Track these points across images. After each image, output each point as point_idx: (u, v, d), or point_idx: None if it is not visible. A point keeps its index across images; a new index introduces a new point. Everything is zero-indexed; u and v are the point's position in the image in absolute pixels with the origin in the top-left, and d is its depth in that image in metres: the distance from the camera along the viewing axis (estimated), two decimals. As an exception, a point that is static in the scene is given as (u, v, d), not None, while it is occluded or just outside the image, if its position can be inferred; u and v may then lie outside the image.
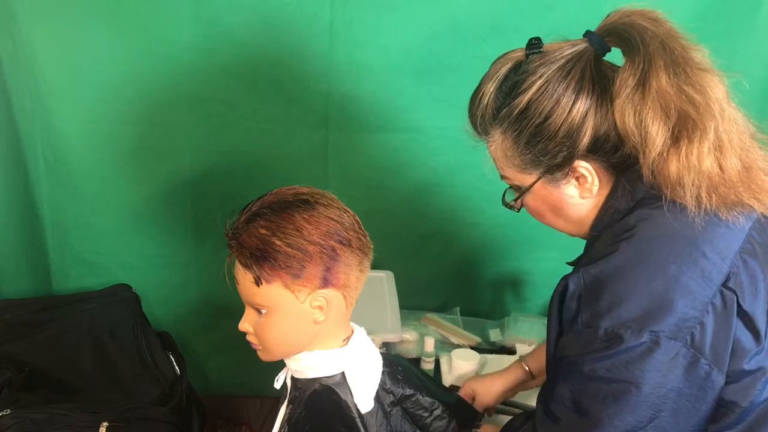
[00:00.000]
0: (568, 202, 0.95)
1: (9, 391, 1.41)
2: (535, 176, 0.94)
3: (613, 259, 0.87)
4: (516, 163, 0.94)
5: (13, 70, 1.52)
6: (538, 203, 0.98)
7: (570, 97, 0.87)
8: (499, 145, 0.95)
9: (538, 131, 0.89)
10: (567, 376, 0.90)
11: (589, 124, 0.87)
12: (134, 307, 1.67)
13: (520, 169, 0.95)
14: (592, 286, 0.87)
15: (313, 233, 0.88)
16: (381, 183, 1.66)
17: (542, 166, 0.92)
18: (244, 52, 1.52)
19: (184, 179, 1.63)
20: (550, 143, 0.89)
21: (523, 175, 0.95)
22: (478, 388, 1.32)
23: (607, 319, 0.84)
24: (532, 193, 0.97)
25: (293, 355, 0.95)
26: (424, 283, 1.78)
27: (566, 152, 0.90)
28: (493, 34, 1.50)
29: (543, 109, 0.88)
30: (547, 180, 0.94)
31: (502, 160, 0.97)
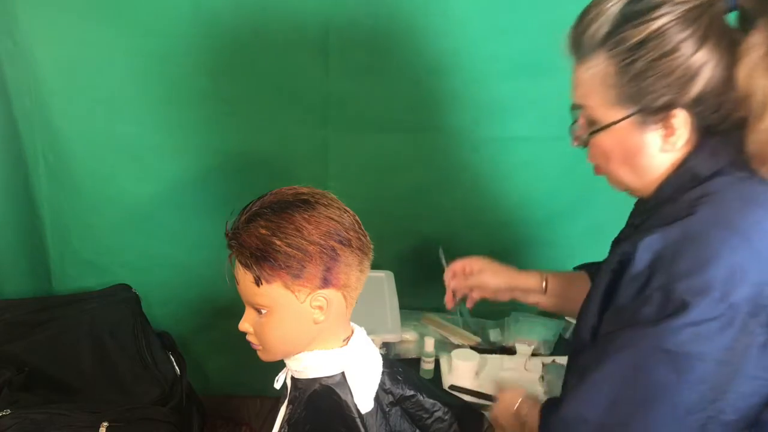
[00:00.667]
0: (646, 151, 0.90)
1: (9, 391, 1.41)
2: (625, 113, 0.88)
3: (695, 221, 0.83)
4: (611, 94, 0.88)
5: (13, 70, 1.52)
6: (613, 144, 0.92)
7: (695, 43, 0.83)
8: (599, 71, 0.89)
9: (651, 67, 0.85)
10: (622, 348, 0.84)
11: (704, 75, 0.84)
12: (134, 307, 1.67)
13: (613, 102, 0.89)
14: (670, 248, 0.82)
15: (313, 233, 0.88)
16: (381, 183, 1.66)
17: (640, 104, 0.87)
18: (245, 51, 1.53)
19: (184, 179, 1.64)
20: (660, 83, 0.85)
21: (612, 110, 0.89)
22: (487, 265, 1.26)
23: (685, 282, 0.80)
24: (611, 131, 0.90)
25: (293, 355, 0.95)
26: (424, 283, 1.77)
27: (672, 96, 0.85)
28: (494, 33, 1.50)
29: (664, 47, 0.84)
30: (635, 121, 0.88)
31: (594, 86, 0.90)
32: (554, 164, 1.64)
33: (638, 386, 0.83)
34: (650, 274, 0.83)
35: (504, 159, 1.64)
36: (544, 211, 1.70)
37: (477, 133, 1.61)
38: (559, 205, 1.69)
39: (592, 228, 1.70)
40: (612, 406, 0.85)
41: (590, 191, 1.67)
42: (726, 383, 0.80)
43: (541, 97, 1.56)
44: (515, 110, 1.58)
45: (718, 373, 0.80)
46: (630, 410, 0.84)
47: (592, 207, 1.68)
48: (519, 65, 1.53)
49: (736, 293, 0.79)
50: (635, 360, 0.83)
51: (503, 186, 1.67)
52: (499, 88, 1.55)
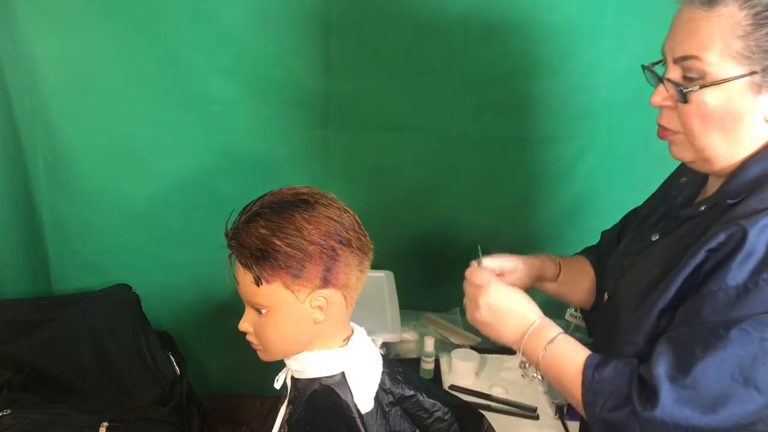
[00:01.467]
0: (751, 117, 0.84)
1: (9, 391, 1.41)
2: (745, 70, 0.82)
3: None
4: (736, 47, 0.82)
5: (13, 70, 1.52)
6: (717, 105, 0.85)
7: None
8: (729, 20, 0.82)
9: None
10: (738, 341, 0.80)
11: None
12: (134, 307, 1.67)
13: (735, 55, 0.82)
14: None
15: (313, 233, 0.88)
16: (381, 183, 1.66)
17: (765, 64, 0.82)
18: (244, 52, 1.53)
19: (184, 179, 1.63)
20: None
21: (731, 65, 0.83)
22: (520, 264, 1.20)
23: None
24: (723, 88, 0.84)
25: (293, 355, 0.95)
26: (424, 283, 1.77)
27: None
28: (496, 33, 1.50)
29: None
30: (754, 80, 0.82)
31: (717, 36, 0.83)
32: (554, 164, 1.64)
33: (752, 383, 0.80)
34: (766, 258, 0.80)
35: (503, 159, 1.64)
36: (544, 211, 1.70)
37: (477, 133, 1.61)
38: (559, 205, 1.69)
39: (591, 228, 1.70)
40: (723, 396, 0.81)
41: (590, 191, 1.68)
42: None
43: (540, 98, 1.57)
44: (515, 110, 1.58)
45: None
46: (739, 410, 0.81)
47: (592, 207, 1.68)
48: (519, 66, 1.54)
49: None
50: (760, 347, 0.80)
51: (503, 186, 1.67)
52: (499, 88, 1.56)
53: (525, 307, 1.01)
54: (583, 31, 1.50)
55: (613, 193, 1.66)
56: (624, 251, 1.09)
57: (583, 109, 1.57)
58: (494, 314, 1.02)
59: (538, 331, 0.98)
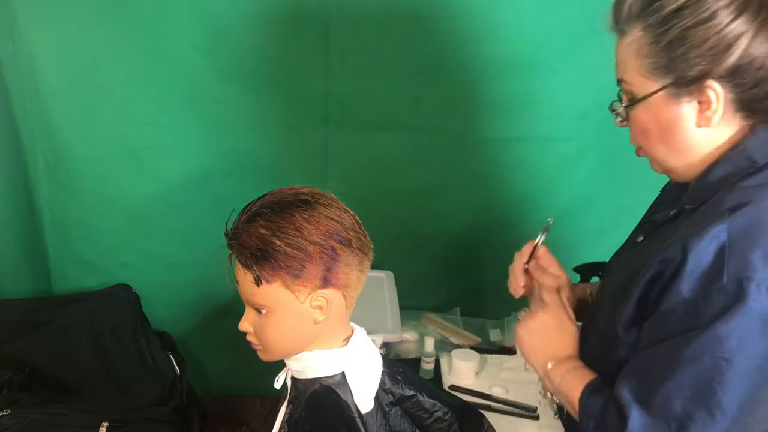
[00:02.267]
0: (682, 125, 0.89)
1: (9, 391, 1.41)
2: (659, 84, 0.88)
3: (762, 210, 0.82)
4: (645, 65, 0.88)
5: (13, 70, 1.52)
6: (649, 119, 0.91)
7: (731, 13, 0.82)
8: (635, 42, 0.89)
9: (685, 36, 0.84)
10: (693, 360, 0.81)
11: (739, 47, 0.83)
12: (134, 307, 1.67)
13: (647, 73, 0.89)
14: (742, 236, 0.81)
15: (313, 233, 0.88)
16: (381, 183, 1.66)
17: (673, 75, 0.87)
18: (244, 52, 1.53)
19: (184, 179, 1.63)
20: (692, 52, 0.84)
21: (647, 81, 0.89)
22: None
23: (762, 272, 0.78)
24: (647, 104, 0.90)
25: (293, 355, 0.95)
26: (424, 283, 1.78)
27: (704, 66, 0.84)
28: (492, 33, 1.50)
29: (698, 14, 0.83)
30: (670, 93, 0.88)
31: (629, 59, 0.90)
32: (554, 164, 1.64)
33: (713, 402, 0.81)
34: (720, 265, 0.81)
35: (503, 159, 1.64)
36: (544, 211, 1.70)
37: (477, 133, 1.61)
38: (558, 205, 1.69)
39: (591, 228, 1.70)
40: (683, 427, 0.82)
41: (589, 191, 1.67)
42: None
43: (540, 98, 1.57)
44: (515, 110, 1.58)
45: None
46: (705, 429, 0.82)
47: (592, 207, 1.68)
48: (519, 65, 1.53)
49: None
50: (713, 365, 0.81)
51: (503, 186, 1.67)
52: (498, 88, 1.56)
53: (571, 339, 1.04)
54: (583, 31, 1.50)
55: (613, 193, 1.66)
56: (615, 254, 1.12)
57: (583, 109, 1.57)
58: (545, 330, 1.06)
59: (564, 360, 1.01)
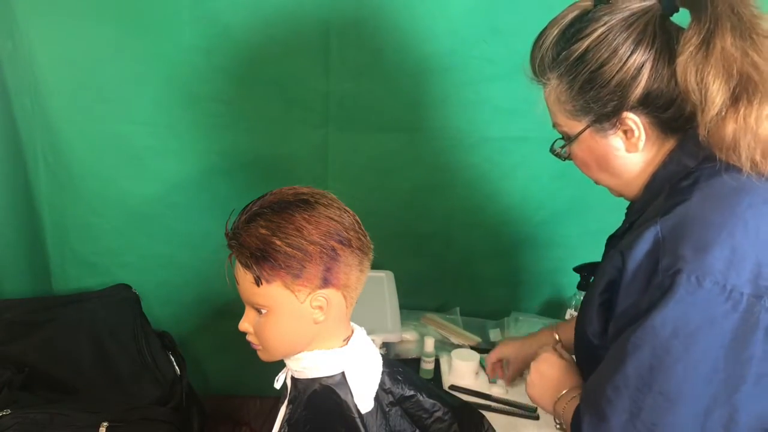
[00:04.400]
0: (615, 154, 0.95)
1: (9, 391, 1.41)
2: (584, 124, 0.95)
3: (691, 206, 0.86)
4: (568, 108, 0.96)
5: (13, 70, 1.52)
6: (585, 153, 0.98)
7: (628, 48, 0.88)
8: (554, 90, 0.96)
9: (592, 78, 0.90)
10: (634, 351, 0.85)
11: (643, 77, 0.88)
12: (134, 307, 1.67)
13: (571, 116, 0.96)
14: (672, 234, 0.85)
15: (313, 233, 0.88)
16: (381, 183, 1.66)
17: (592, 114, 0.93)
18: (244, 52, 1.53)
19: (184, 179, 1.64)
20: (602, 91, 0.90)
21: (573, 122, 0.96)
22: (509, 352, 1.37)
23: (692, 263, 0.82)
24: (579, 142, 0.97)
25: (293, 355, 0.95)
26: (424, 283, 1.78)
27: (616, 102, 0.90)
28: (492, 34, 1.50)
29: (599, 57, 0.89)
30: (595, 129, 0.95)
31: (554, 105, 0.98)
32: (553, 164, 1.63)
33: (652, 388, 0.84)
34: (654, 262, 0.85)
35: (503, 159, 1.64)
36: (544, 211, 1.70)
37: (476, 133, 1.61)
38: (558, 205, 1.69)
39: (591, 228, 1.70)
40: (634, 419, 0.85)
41: (589, 191, 1.67)
42: (742, 373, 0.81)
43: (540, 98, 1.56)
44: (514, 110, 1.58)
45: (732, 360, 0.81)
46: (653, 419, 0.85)
47: (591, 207, 1.68)
48: (518, 66, 1.53)
49: (739, 275, 0.81)
50: (650, 357, 0.84)
51: (502, 186, 1.67)
52: (498, 88, 1.55)
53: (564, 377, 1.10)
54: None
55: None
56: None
57: (583, 109, 1.56)
58: (538, 383, 1.13)
59: (566, 394, 1.07)
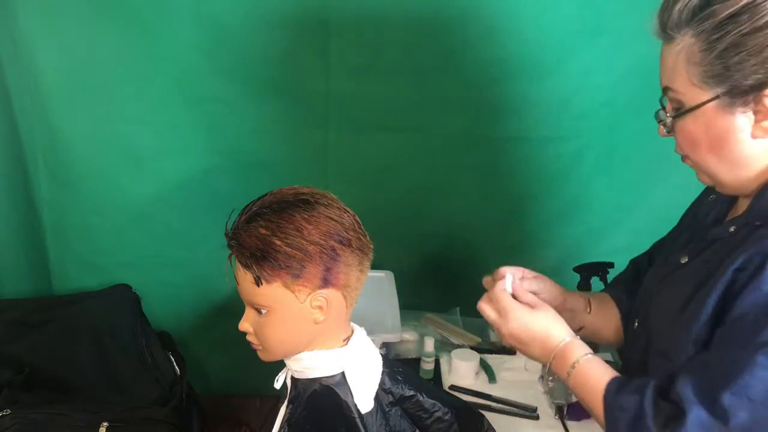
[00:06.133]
0: (736, 136, 0.85)
1: (9, 391, 1.41)
2: (711, 94, 0.84)
3: None
4: (697, 73, 0.85)
5: (13, 70, 1.52)
6: (699, 129, 0.87)
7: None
8: (685, 50, 0.85)
9: (742, 42, 0.81)
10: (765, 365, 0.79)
11: None
12: (134, 307, 1.67)
13: (699, 82, 0.85)
14: None
15: (313, 233, 0.88)
16: (381, 183, 1.66)
17: (727, 84, 0.83)
18: (244, 52, 1.53)
19: (184, 179, 1.63)
20: (750, 60, 0.81)
21: (698, 90, 0.85)
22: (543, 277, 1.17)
23: None
24: (697, 115, 0.86)
25: (293, 355, 0.95)
26: (424, 283, 1.78)
27: (763, 75, 0.81)
28: (491, 34, 1.50)
29: (757, 20, 0.80)
30: (723, 102, 0.84)
31: (679, 68, 0.86)
32: (554, 164, 1.64)
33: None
34: None
35: (503, 159, 1.64)
36: (544, 211, 1.70)
37: (476, 133, 1.61)
38: (558, 205, 1.69)
39: (591, 228, 1.70)
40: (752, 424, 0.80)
41: (589, 191, 1.68)
42: None
43: (540, 98, 1.57)
44: (514, 110, 1.58)
45: None
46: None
47: (591, 207, 1.68)
48: (518, 66, 1.54)
49: None
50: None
51: (502, 186, 1.67)
52: (498, 88, 1.56)
53: (547, 330, 1.01)
54: (583, 31, 1.50)
55: (613, 193, 1.66)
56: (654, 275, 1.08)
57: (583, 109, 1.57)
58: (518, 341, 1.03)
59: (561, 355, 0.99)
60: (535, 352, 1.02)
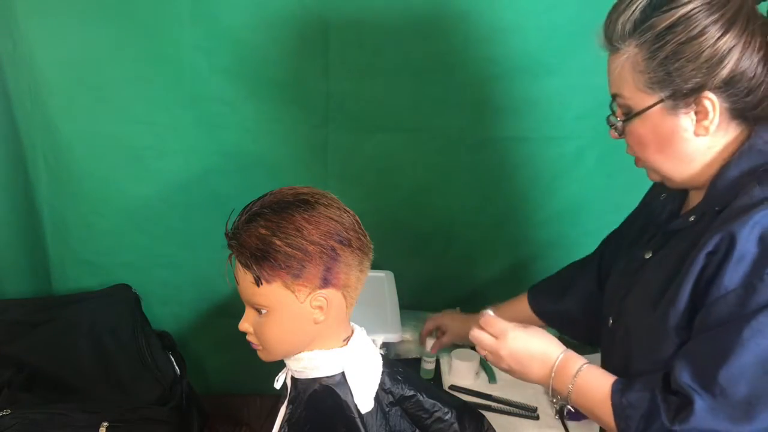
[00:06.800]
0: (681, 135, 0.93)
1: (9, 391, 1.41)
2: (656, 98, 0.92)
3: None
4: (642, 80, 0.92)
5: (13, 70, 1.52)
6: (647, 131, 0.95)
7: (722, 27, 0.87)
8: (629, 59, 0.93)
9: (680, 50, 0.88)
10: (752, 338, 0.83)
11: (732, 59, 0.87)
12: (134, 307, 1.67)
13: (644, 88, 0.92)
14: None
15: (313, 233, 0.88)
16: (381, 183, 1.66)
17: (670, 89, 0.90)
18: (244, 52, 1.53)
19: (184, 179, 1.63)
20: (689, 65, 0.88)
21: (644, 96, 0.93)
22: (448, 322, 1.37)
23: None
24: (644, 118, 0.94)
25: (293, 355, 0.96)
26: (424, 283, 1.77)
27: (701, 79, 0.88)
28: (493, 33, 1.50)
29: (692, 30, 0.87)
30: (667, 105, 0.91)
31: (625, 76, 0.94)
32: (554, 164, 1.64)
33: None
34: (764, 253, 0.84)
35: (503, 159, 1.64)
36: (544, 211, 1.70)
37: (477, 133, 1.61)
38: (558, 205, 1.69)
39: (591, 228, 1.70)
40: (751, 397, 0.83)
41: (589, 191, 1.67)
42: None
43: (540, 98, 1.57)
44: (515, 110, 1.58)
45: None
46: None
47: (591, 207, 1.68)
48: (519, 66, 1.54)
49: None
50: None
51: (502, 186, 1.67)
52: (498, 88, 1.56)
53: (545, 347, 1.04)
54: (583, 31, 1.50)
55: (613, 193, 1.65)
56: (621, 273, 1.11)
57: (583, 109, 1.57)
58: (518, 362, 1.06)
59: (561, 368, 1.02)
60: (533, 371, 1.04)
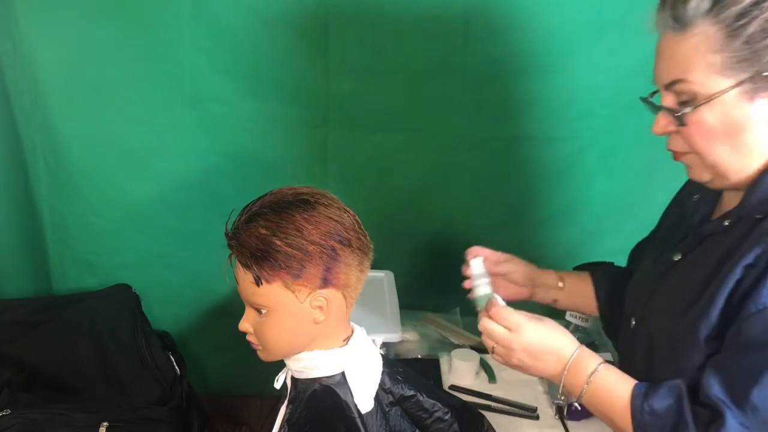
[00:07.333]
0: (753, 124, 0.85)
1: (9, 391, 1.41)
2: (733, 81, 0.84)
3: None
4: (720, 60, 0.84)
5: (13, 70, 1.52)
6: (716, 119, 0.86)
7: None
8: (704, 39, 0.84)
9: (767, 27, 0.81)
10: None
11: None
12: (134, 307, 1.67)
13: (721, 69, 0.84)
14: None
15: (313, 233, 0.88)
16: (381, 183, 1.66)
17: (752, 70, 0.83)
18: (245, 52, 1.53)
19: (184, 179, 1.63)
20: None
21: (717, 79, 0.85)
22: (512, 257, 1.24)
23: None
24: (715, 104, 0.85)
25: (293, 355, 0.95)
26: (424, 283, 1.77)
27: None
28: (496, 33, 1.50)
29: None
30: (744, 89, 0.84)
31: (696, 58, 0.85)
32: (554, 164, 1.64)
33: None
34: None
35: (503, 159, 1.64)
36: (544, 211, 1.70)
37: (477, 133, 1.61)
38: (558, 205, 1.69)
39: (591, 228, 1.70)
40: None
41: (589, 191, 1.67)
42: None
43: (540, 98, 1.57)
44: (515, 110, 1.58)
45: None
46: None
47: (591, 207, 1.68)
48: (519, 66, 1.54)
49: None
50: None
51: (502, 186, 1.67)
52: (498, 88, 1.56)
53: (560, 341, 1.01)
54: (583, 31, 1.50)
55: (613, 193, 1.66)
56: (647, 274, 1.08)
57: (583, 109, 1.57)
58: (532, 355, 1.01)
59: (576, 365, 0.98)
60: (548, 365, 1.01)
